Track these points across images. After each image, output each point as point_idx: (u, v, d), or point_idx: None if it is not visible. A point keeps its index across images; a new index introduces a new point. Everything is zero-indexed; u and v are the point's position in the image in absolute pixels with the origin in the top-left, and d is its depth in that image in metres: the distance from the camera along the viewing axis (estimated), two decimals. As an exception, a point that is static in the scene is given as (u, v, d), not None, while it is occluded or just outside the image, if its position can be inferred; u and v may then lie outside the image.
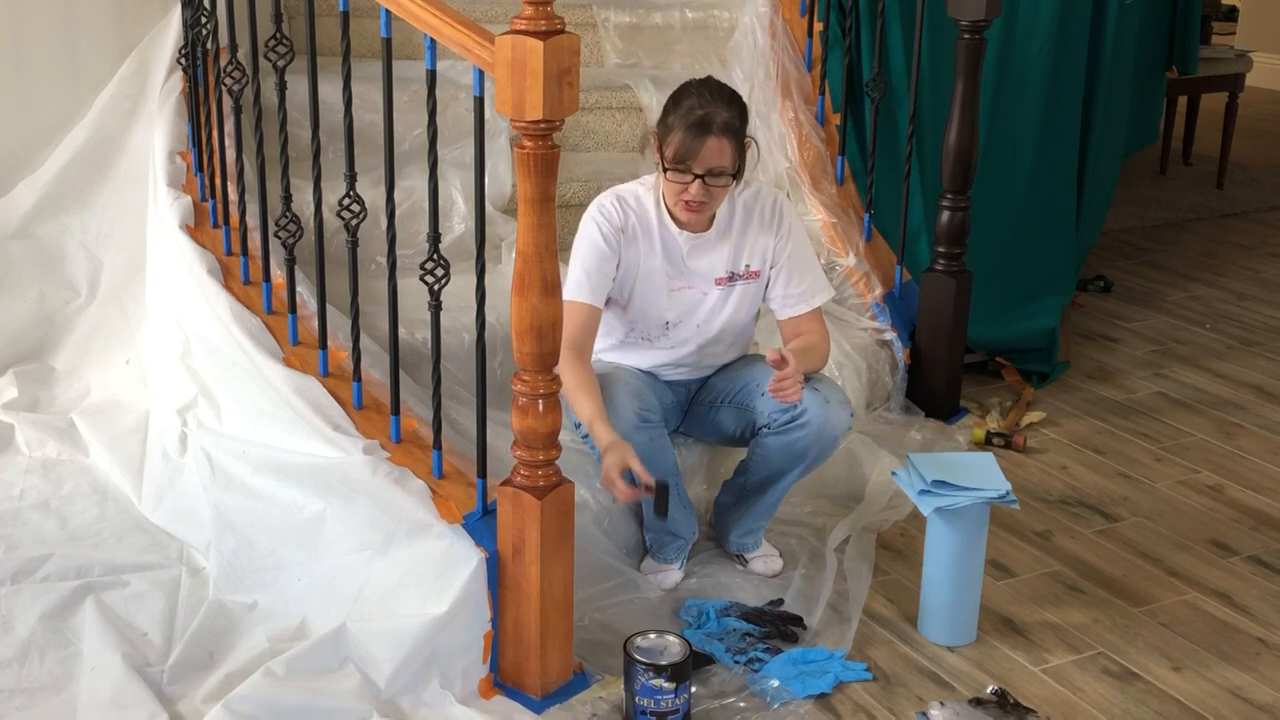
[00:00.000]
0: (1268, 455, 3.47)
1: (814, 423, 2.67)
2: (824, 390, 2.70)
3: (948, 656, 2.56)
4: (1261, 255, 5.23)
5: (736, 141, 2.62)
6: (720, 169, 2.61)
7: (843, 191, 3.77)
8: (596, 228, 2.70)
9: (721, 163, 2.60)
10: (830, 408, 2.68)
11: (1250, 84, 6.39)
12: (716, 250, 2.76)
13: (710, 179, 2.61)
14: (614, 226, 2.70)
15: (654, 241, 2.73)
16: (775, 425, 2.71)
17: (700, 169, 2.59)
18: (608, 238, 2.69)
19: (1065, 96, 4.10)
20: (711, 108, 2.59)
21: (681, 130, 2.59)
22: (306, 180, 2.74)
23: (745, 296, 2.80)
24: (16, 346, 3.46)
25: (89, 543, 2.77)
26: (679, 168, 2.60)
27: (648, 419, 2.62)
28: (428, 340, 2.56)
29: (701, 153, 2.58)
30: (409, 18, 2.33)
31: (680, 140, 2.59)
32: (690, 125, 2.58)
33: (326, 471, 2.57)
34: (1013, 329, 3.91)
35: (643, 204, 2.75)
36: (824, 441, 2.70)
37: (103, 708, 2.27)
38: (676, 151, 2.59)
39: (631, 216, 2.73)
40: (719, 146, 2.58)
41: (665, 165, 2.63)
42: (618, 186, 2.79)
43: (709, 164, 2.59)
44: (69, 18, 3.55)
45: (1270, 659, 2.58)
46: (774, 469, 2.75)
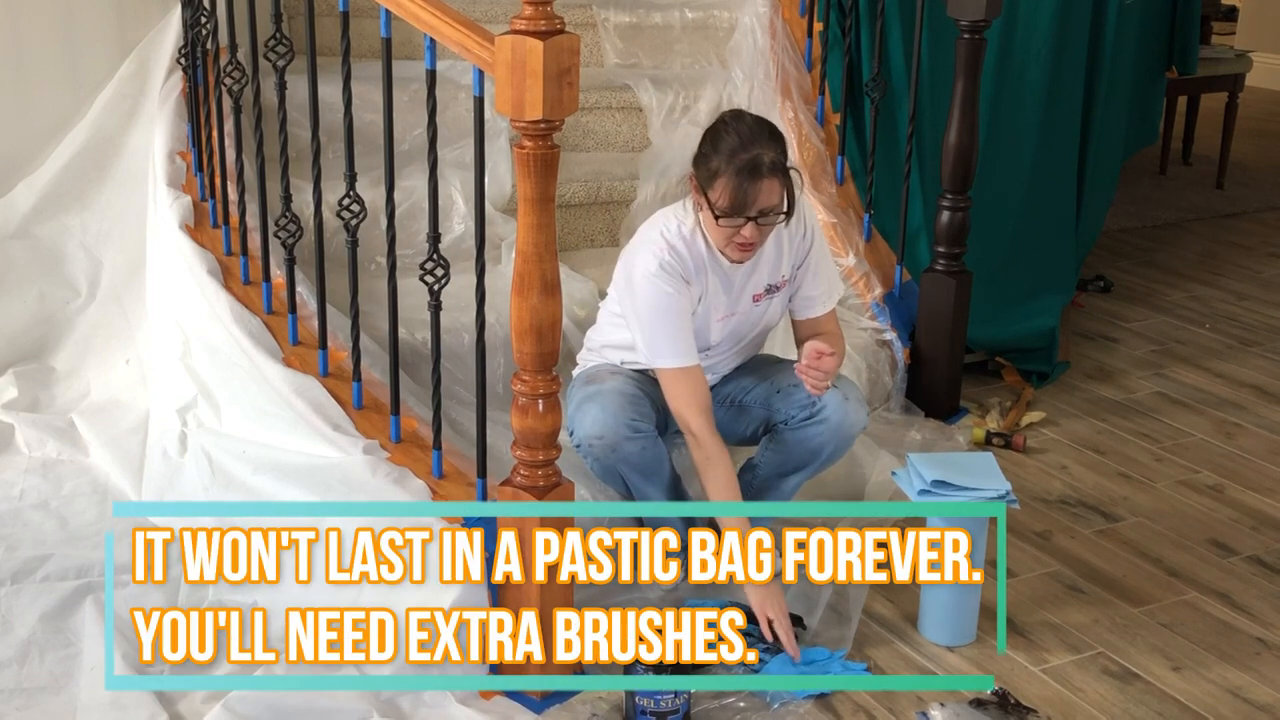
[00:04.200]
0: (1268, 455, 3.47)
1: (833, 419, 2.68)
2: (844, 388, 2.71)
3: (948, 656, 2.56)
4: (1261, 255, 5.23)
5: (785, 178, 2.54)
6: (772, 208, 2.55)
7: (843, 191, 3.77)
8: (666, 287, 2.58)
9: (773, 203, 2.54)
10: (849, 405, 2.69)
11: (1250, 84, 6.39)
12: (759, 269, 2.73)
13: (762, 219, 2.54)
14: (679, 278, 2.60)
15: (709, 279, 2.67)
16: (794, 421, 2.71)
17: (754, 212, 2.52)
18: (680, 292, 2.59)
19: (1065, 96, 4.10)
20: (757, 149, 2.50)
21: (731, 177, 2.49)
22: (306, 180, 2.74)
23: (776, 304, 2.80)
24: (16, 346, 3.46)
25: (89, 543, 2.77)
26: (732, 215, 2.53)
27: (639, 428, 2.62)
28: (428, 340, 2.56)
29: (756, 198, 2.50)
30: (409, 18, 2.33)
31: (732, 189, 2.49)
32: (739, 171, 2.48)
33: (326, 471, 2.57)
34: (1013, 329, 3.91)
35: (693, 245, 2.64)
36: (840, 438, 2.71)
37: (103, 708, 2.27)
38: (731, 201, 2.50)
39: (689, 263, 2.63)
40: (770, 188, 2.51)
41: (716, 212, 2.54)
42: (660, 231, 2.64)
43: (762, 206, 2.52)
44: (69, 18, 3.55)
45: (1270, 659, 2.58)
46: (788, 466, 2.75)
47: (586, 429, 2.61)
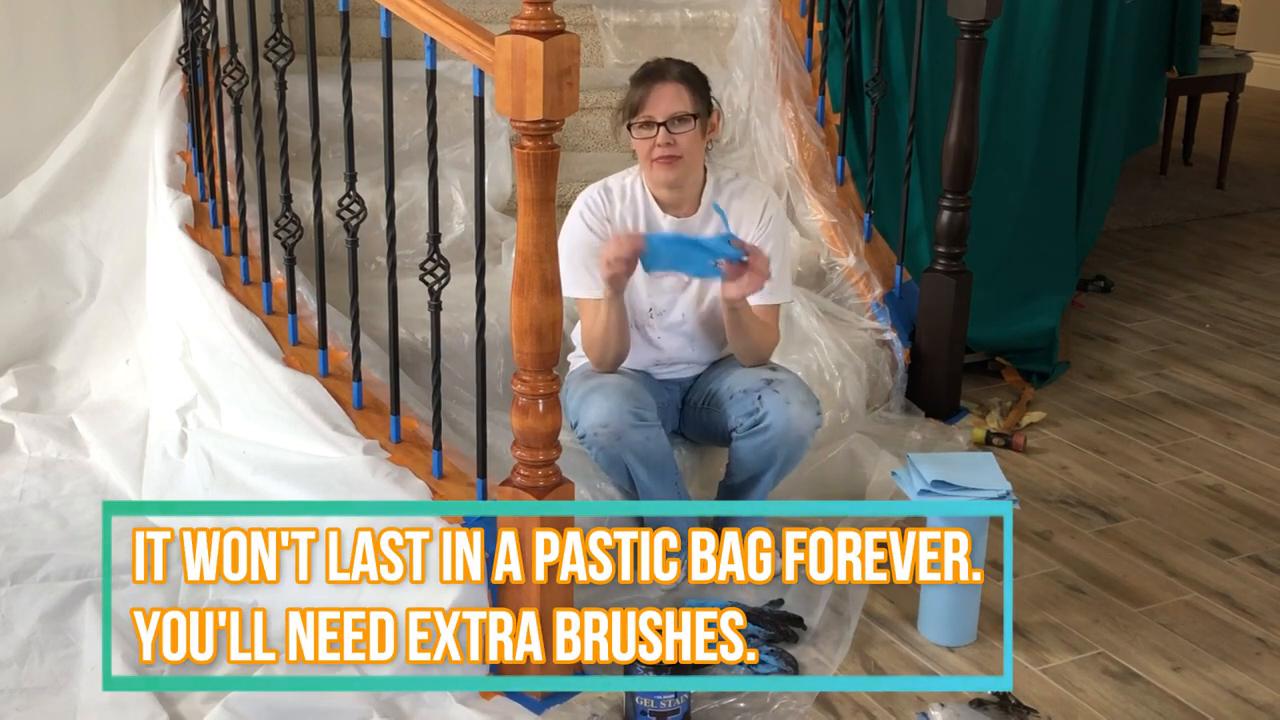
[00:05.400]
0: (1268, 455, 3.47)
1: (776, 425, 2.67)
2: (785, 392, 2.69)
3: (948, 656, 2.56)
4: (1261, 255, 5.23)
5: (693, 89, 2.66)
6: (681, 113, 2.63)
7: (843, 191, 3.77)
8: (583, 222, 2.74)
9: (681, 107, 2.63)
10: (791, 409, 2.67)
11: (1250, 84, 6.39)
12: (699, 233, 2.75)
13: (674, 126, 2.63)
14: (599, 218, 2.73)
15: (640, 227, 2.75)
16: (742, 430, 2.71)
17: (661, 116, 2.63)
18: (594, 228, 2.72)
19: (1065, 96, 4.10)
20: (664, 63, 2.69)
21: (636, 84, 2.67)
22: (306, 180, 2.75)
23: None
24: (16, 346, 3.46)
25: (89, 543, 2.77)
26: (641, 120, 2.64)
27: (643, 417, 2.62)
28: (428, 340, 2.56)
29: (656, 98, 2.62)
30: (409, 18, 2.33)
31: (636, 93, 2.66)
32: (643, 76, 2.67)
33: (326, 471, 2.57)
34: (1013, 329, 3.91)
35: (629, 191, 2.77)
36: (790, 443, 2.69)
37: (103, 708, 2.27)
38: (634, 103, 2.65)
39: (618, 204, 2.76)
40: (675, 90, 2.63)
41: (629, 125, 2.67)
42: (607, 178, 2.81)
43: (669, 110, 2.63)
44: (69, 18, 3.55)
45: (1270, 659, 2.58)
46: (749, 471, 2.75)
47: (591, 419, 2.61)
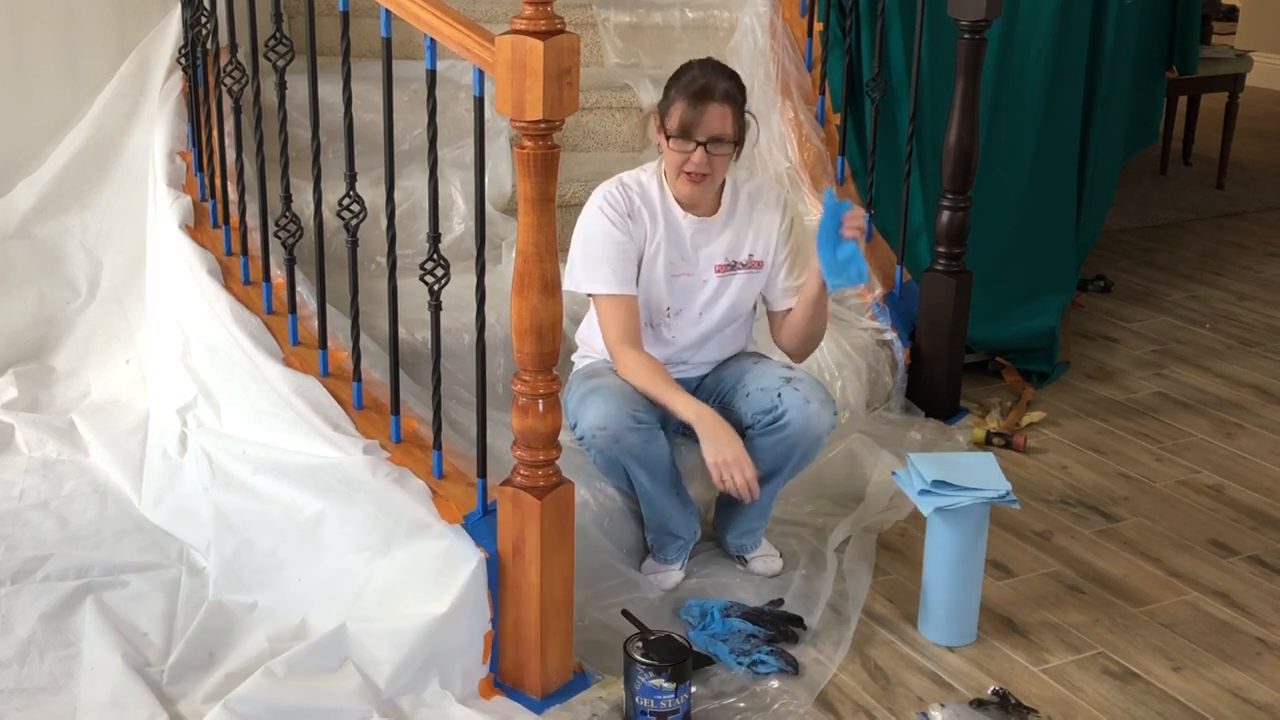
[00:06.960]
0: (1268, 455, 3.47)
1: (795, 422, 2.67)
2: (805, 390, 2.69)
3: (948, 656, 2.56)
4: (1261, 255, 5.23)
5: (737, 110, 2.66)
6: (722, 136, 2.64)
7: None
8: (605, 217, 2.71)
9: (723, 129, 2.63)
10: (811, 408, 2.67)
11: (1250, 84, 6.39)
12: (720, 237, 2.77)
13: (712, 147, 2.63)
14: (621, 213, 2.71)
15: (659, 225, 2.74)
16: (759, 426, 2.71)
17: (702, 136, 2.63)
18: (617, 224, 2.70)
19: (1065, 96, 4.10)
20: (712, 78, 2.65)
21: (684, 99, 2.63)
22: (306, 180, 2.74)
23: (745, 287, 2.80)
24: (16, 346, 3.46)
25: (89, 543, 2.77)
26: (682, 136, 2.63)
27: (642, 419, 2.62)
28: (428, 340, 2.56)
29: (704, 120, 2.61)
30: (409, 18, 2.33)
31: (682, 109, 2.63)
32: (693, 94, 2.62)
33: (326, 471, 2.57)
34: (1013, 329, 3.91)
35: (647, 188, 2.76)
36: (808, 441, 2.70)
37: (102, 708, 2.27)
38: (680, 120, 2.63)
39: (637, 201, 2.74)
40: (720, 113, 2.63)
41: (668, 134, 2.66)
42: (621, 174, 2.80)
43: (711, 131, 2.63)
44: (69, 18, 3.55)
45: (1270, 659, 2.58)
46: (763, 469, 2.75)
47: (590, 420, 2.61)
